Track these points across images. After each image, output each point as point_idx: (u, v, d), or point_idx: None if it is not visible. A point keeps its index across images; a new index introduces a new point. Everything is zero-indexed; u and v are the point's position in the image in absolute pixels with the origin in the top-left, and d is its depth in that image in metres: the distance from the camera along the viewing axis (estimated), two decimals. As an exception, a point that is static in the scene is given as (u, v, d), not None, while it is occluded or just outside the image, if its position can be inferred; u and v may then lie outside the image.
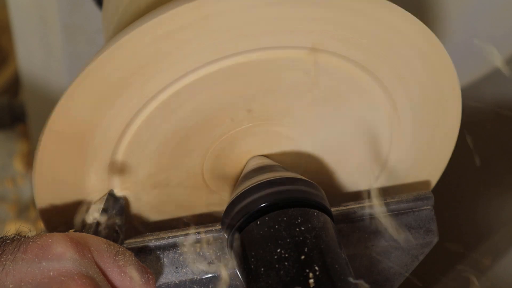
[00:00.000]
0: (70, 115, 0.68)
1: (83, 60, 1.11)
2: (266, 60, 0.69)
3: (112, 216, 0.72)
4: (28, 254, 0.62)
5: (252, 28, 0.67)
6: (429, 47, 0.71)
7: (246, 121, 0.74)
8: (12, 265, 0.61)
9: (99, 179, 0.72)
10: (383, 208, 0.74)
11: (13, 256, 0.61)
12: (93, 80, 0.67)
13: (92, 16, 1.07)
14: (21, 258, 0.61)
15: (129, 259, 0.65)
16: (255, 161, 0.75)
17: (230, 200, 0.70)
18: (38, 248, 0.62)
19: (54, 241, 0.62)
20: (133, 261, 0.65)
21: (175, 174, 0.75)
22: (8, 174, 1.36)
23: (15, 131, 1.40)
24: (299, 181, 0.70)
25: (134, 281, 0.64)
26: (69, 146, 0.70)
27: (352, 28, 0.69)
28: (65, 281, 0.60)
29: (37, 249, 0.62)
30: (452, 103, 0.76)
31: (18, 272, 0.61)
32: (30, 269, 0.61)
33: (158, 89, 0.69)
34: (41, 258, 0.61)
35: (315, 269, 0.64)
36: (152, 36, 0.66)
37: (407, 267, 0.76)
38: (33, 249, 0.62)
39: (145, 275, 0.65)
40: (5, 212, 1.33)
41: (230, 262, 0.71)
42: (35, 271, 0.61)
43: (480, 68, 1.25)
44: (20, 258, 0.61)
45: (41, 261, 0.61)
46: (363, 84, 0.73)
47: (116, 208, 0.73)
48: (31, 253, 0.62)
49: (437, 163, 0.80)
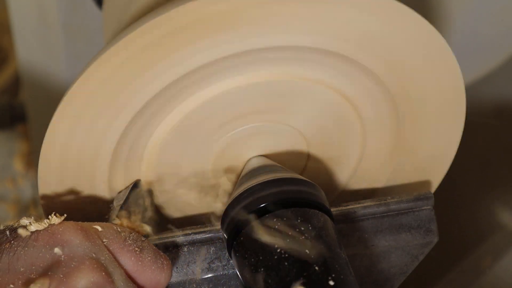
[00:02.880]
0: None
1: (83, 60, 1.11)
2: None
3: (134, 205, 0.73)
4: (40, 241, 0.63)
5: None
6: (433, 46, 0.71)
7: (246, 122, 0.74)
8: (24, 251, 0.62)
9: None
10: (383, 208, 0.74)
11: (25, 243, 0.62)
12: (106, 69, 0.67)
13: (92, 16, 1.07)
14: (32, 245, 0.62)
15: (142, 244, 0.66)
16: (255, 161, 0.75)
17: (230, 200, 0.70)
18: (49, 236, 0.63)
19: (65, 228, 0.63)
20: (146, 246, 0.66)
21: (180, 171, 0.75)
22: (8, 174, 1.36)
23: (15, 131, 1.40)
24: (299, 181, 0.70)
25: (146, 266, 0.65)
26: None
27: (348, 23, 0.69)
28: (76, 266, 0.61)
29: (48, 236, 0.63)
30: (455, 103, 0.75)
31: (30, 257, 0.61)
32: (41, 255, 0.62)
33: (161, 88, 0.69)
34: (52, 245, 0.62)
35: (315, 269, 0.64)
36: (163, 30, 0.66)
37: (407, 267, 0.76)
38: (44, 236, 0.63)
39: (159, 260, 0.66)
40: (5, 212, 1.33)
41: (230, 262, 0.71)
42: (46, 256, 0.62)
43: (480, 68, 1.25)
44: (31, 245, 0.62)
45: (52, 247, 0.62)
46: (366, 86, 0.73)
47: (137, 198, 0.74)
48: (42, 240, 0.63)
49: (440, 165, 0.80)
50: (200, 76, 0.70)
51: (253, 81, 0.71)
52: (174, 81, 0.69)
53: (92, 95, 0.68)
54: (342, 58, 0.71)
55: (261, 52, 0.69)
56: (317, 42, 0.69)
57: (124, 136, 0.71)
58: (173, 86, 0.69)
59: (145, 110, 0.70)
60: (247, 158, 0.76)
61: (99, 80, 0.68)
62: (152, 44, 0.67)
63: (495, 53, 1.25)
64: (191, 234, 0.72)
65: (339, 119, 0.75)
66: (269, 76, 0.72)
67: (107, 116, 0.70)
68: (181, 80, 0.69)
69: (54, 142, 0.70)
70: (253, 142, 0.75)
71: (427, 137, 0.77)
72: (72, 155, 0.71)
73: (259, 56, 0.70)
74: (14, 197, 1.34)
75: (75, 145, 0.71)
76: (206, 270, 0.71)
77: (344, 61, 0.71)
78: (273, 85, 0.72)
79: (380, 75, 0.72)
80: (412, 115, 0.76)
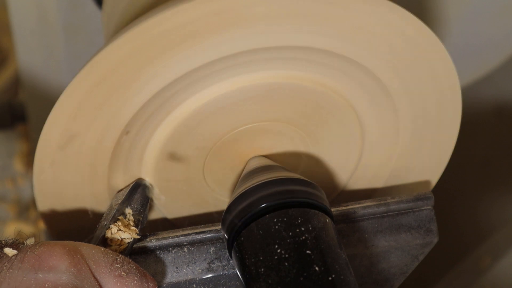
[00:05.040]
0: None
1: (83, 60, 1.11)
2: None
3: (135, 203, 0.73)
4: (25, 263, 0.62)
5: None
6: (429, 46, 0.72)
7: (246, 122, 0.74)
8: (9, 272, 0.61)
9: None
10: (383, 208, 0.74)
11: (10, 264, 0.62)
12: (101, 70, 0.67)
13: (92, 16, 1.07)
14: (17, 267, 0.62)
15: (128, 267, 0.65)
16: (255, 161, 0.75)
17: (231, 200, 0.70)
18: (35, 259, 0.62)
19: (51, 252, 0.63)
20: (132, 269, 0.65)
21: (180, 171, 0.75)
22: (8, 174, 1.36)
23: (15, 131, 1.40)
24: (299, 181, 0.70)
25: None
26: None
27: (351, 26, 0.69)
28: None
29: (34, 259, 0.62)
30: (452, 102, 0.76)
31: (14, 280, 0.61)
32: (25, 279, 0.61)
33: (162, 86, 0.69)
34: (37, 269, 0.62)
35: (315, 269, 0.64)
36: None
37: (407, 267, 0.76)
38: (30, 259, 0.62)
39: (145, 284, 0.65)
40: (5, 212, 1.33)
41: (230, 262, 0.71)
42: (31, 281, 0.61)
43: (480, 68, 1.25)
44: (16, 267, 0.62)
45: (37, 272, 0.62)
46: (367, 87, 0.73)
47: (139, 197, 0.73)
48: (27, 263, 0.62)
49: (437, 163, 0.80)
50: (196, 78, 0.70)
51: (254, 83, 0.71)
52: (172, 82, 0.69)
53: (80, 106, 0.69)
54: (338, 57, 0.71)
55: (260, 52, 0.69)
56: (316, 42, 0.69)
57: (120, 143, 0.71)
58: (161, 95, 0.69)
59: (145, 109, 0.70)
60: (247, 158, 0.76)
61: (87, 89, 0.68)
62: (151, 45, 0.67)
63: (495, 53, 1.25)
64: (191, 234, 0.72)
65: (339, 119, 0.75)
66: (268, 77, 0.72)
67: (98, 129, 0.70)
68: (172, 85, 0.69)
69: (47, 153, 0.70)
70: (253, 142, 0.75)
71: (426, 136, 0.77)
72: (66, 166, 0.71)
73: (259, 56, 0.70)
74: (14, 197, 1.34)
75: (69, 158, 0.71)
76: (206, 270, 0.71)
77: (340, 59, 0.71)
78: (272, 86, 0.72)
79: (378, 73, 0.72)
80: (410, 114, 0.76)
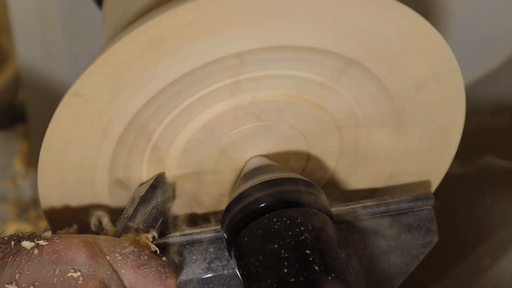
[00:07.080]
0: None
1: (83, 60, 1.11)
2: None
3: (158, 198, 0.73)
4: (44, 256, 0.63)
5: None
6: (433, 47, 0.71)
7: (247, 121, 0.74)
8: (27, 265, 0.62)
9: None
10: (383, 208, 0.74)
11: (28, 257, 0.62)
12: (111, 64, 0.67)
13: (92, 16, 1.07)
14: (36, 260, 0.62)
15: (145, 258, 0.66)
16: (255, 161, 0.75)
17: (230, 200, 0.70)
18: (53, 252, 0.63)
19: (69, 245, 0.64)
20: (149, 260, 0.66)
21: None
22: (8, 174, 1.36)
23: (15, 131, 1.40)
24: (299, 181, 0.70)
25: (148, 281, 0.65)
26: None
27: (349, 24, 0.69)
28: (78, 285, 0.61)
29: (52, 252, 0.63)
30: (456, 103, 0.75)
31: (32, 272, 0.62)
32: (44, 271, 0.62)
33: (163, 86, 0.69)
34: (56, 262, 0.62)
35: (315, 269, 0.64)
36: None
37: (407, 267, 0.76)
38: (48, 251, 0.63)
39: (162, 275, 0.66)
40: (5, 212, 1.33)
41: (230, 262, 0.71)
42: (50, 273, 0.62)
43: (480, 68, 1.25)
44: (35, 259, 0.62)
45: (56, 264, 0.62)
46: (364, 84, 0.73)
47: (162, 192, 0.74)
48: (46, 255, 0.63)
49: (439, 164, 0.80)
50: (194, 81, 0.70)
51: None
52: (170, 83, 0.69)
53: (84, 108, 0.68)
54: (337, 56, 0.71)
55: (259, 53, 0.69)
56: (315, 41, 0.69)
57: (120, 142, 0.71)
58: (159, 97, 0.70)
59: (147, 108, 0.70)
60: (247, 158, 0.76)
61: (91, 90, 0.67)
62: (153, 44, 0.67)
63: (495, 53, 1.25)
64: (191, 234, 0.72)
65: (338, 119, 0.75)
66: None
67: (99, 129, 0.70)
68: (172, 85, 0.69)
69: (51, 156, 0.70)
70: (253, 142, 0.75)
71: (426, 136, 0.77)
72: (70, 168, 0.71)
73: (258, 56, 0.70)
74: (14, 197, 1.34)
75: (72, 159, 0.71)
76: (206, 270, 0.71)
77: (337, 58, 0.71)
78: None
79: (377, 73, 0.72)
80: (411, 113, 0.76)
